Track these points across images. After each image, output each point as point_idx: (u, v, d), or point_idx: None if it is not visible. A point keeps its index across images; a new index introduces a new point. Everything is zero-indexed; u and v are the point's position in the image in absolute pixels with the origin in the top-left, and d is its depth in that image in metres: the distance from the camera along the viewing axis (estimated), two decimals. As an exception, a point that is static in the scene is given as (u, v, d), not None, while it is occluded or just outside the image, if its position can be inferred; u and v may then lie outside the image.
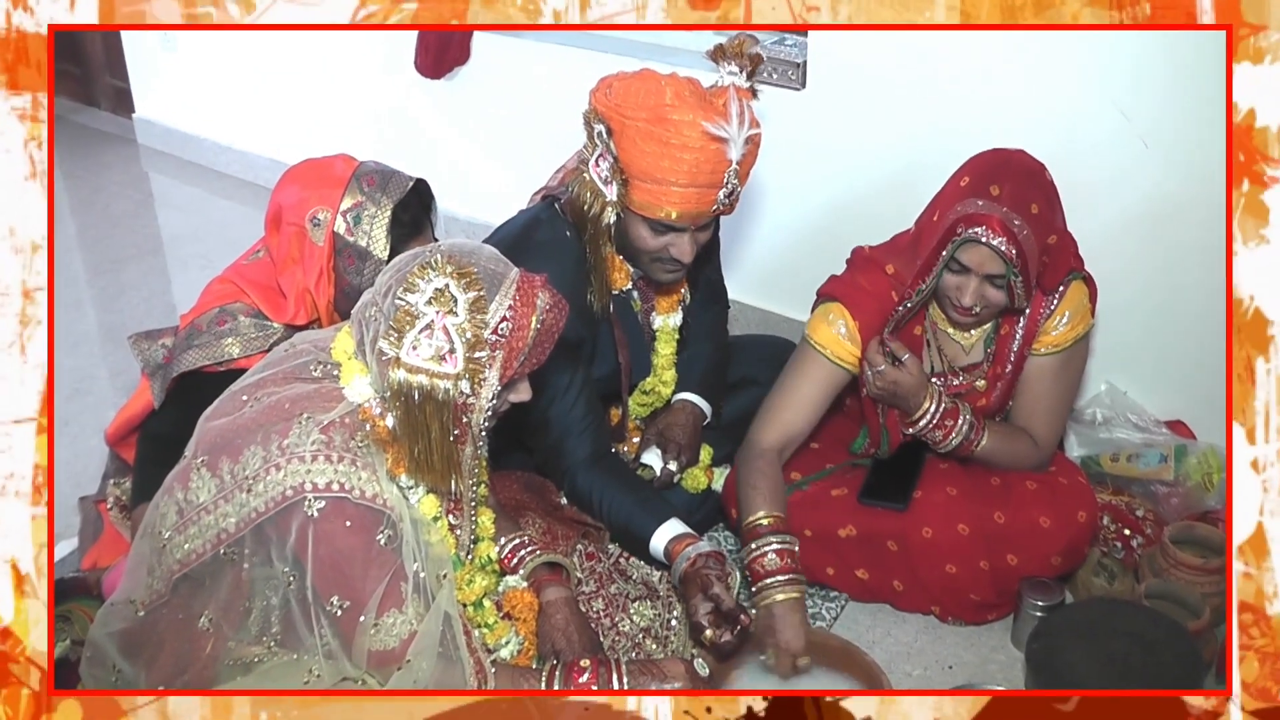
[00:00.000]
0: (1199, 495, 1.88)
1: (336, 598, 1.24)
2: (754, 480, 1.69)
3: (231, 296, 1.74)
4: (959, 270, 1.62)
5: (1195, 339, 1.97)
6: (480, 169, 2.93)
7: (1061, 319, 1.72)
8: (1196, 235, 1.89)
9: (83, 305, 2.88)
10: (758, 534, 1.62)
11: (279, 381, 1.30)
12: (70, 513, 1.93)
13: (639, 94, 1.57)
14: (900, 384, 1.69)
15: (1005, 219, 1.54)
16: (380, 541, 1.24)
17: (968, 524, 1.69)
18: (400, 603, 1.26)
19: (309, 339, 1.38)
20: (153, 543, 1.30)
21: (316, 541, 1.22)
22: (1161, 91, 1.86)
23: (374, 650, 1.26)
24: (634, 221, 1.66)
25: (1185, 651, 1.53)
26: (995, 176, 1.57)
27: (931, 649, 1.73)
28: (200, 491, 1.25)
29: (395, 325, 1.19)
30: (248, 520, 1.23)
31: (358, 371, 1.27)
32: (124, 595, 1.33)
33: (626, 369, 1.87)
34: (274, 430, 1.23)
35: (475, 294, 1.20)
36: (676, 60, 2.33)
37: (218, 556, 1.25)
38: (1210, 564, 1.70)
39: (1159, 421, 2.02)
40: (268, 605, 1.27)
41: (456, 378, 1.21)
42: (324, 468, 1.21)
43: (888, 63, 2.12)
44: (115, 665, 1.31)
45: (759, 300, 2.50)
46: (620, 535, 1.71)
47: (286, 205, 1.70)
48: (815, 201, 2.32)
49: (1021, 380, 1.77)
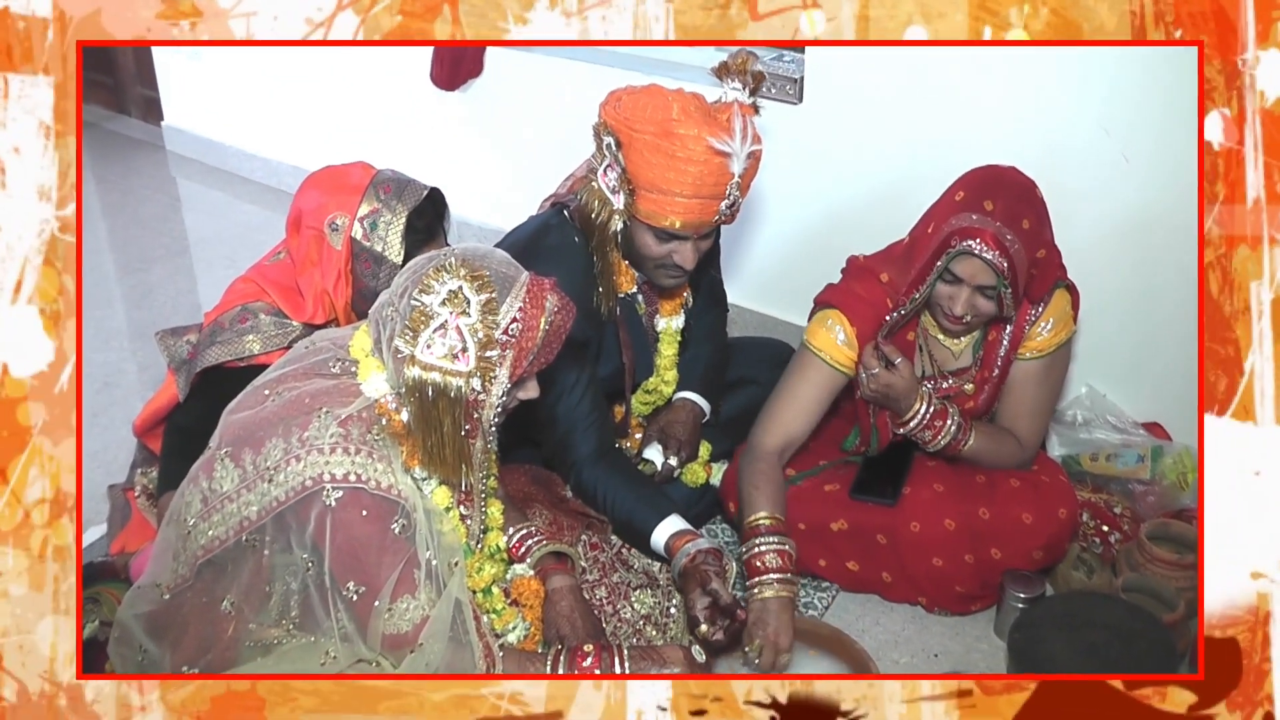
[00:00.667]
0: (1174, 494, 1.90)
1: (353, 583, 1.27)
2: (756, 481, 1.71)
3: (253, 296, 1.76)
4: (952, 281, 1.65)
5: (1171, 345, 1.99)
6: (492, 176, 2.94)
7: (1046, 325, 1.75)
8: (1173, 245, 1.91)
9: (113, 303, 2.91)
10: (757, 533, 1.65)
11: (299, 377, 1.33)
12: (100, 500, 1.97)
13: (647, 108, 1.61)
14: (893, 386, 1.73)
15: (998, 233, 1.57)
16: (395, 530, 1.27)
17: (954, 519, 1.73)
18: (413, 589, 1.29)
19: (328, 337, 1.40)
20: (178, 529, 1.33)
21: (334, 529, 1.24)
22: (1138, 105, 1.89)
23: (388, 634, 1.29)
24: (639, 229, 1.69)
25: (1160, 642, 1.56)
26: (989, 192, 1.61)
27: (918, 638, 1.76)
28: (224, 481, 1.28)
29: (411, 325, 1.22)
30: (269, 509, 1.26)
31: (374, 368, 1.30)
32: (150, 579, 1.36)
33: (630, 369, 1.89)
34: (294, 424, 1.26)
35: (487, 296, 1.23)
36: (680, 75, 2.35)
37: (240, 543, 1.28)
38: (1184, 560, 1.71)
39: (1136, 423, 2.05)
40: (287, 589, 1.30)
41: (468, 375, 1.23)
42: (341, 459, 1.24)
43: (881, 79, 2.14)
44: (142, 645, 1.34)
45: (757, 304, 2.52)
46: (622, 529, 1.73)
47: (306, 210, 1.72)
48: (811, 211, 2.34)
49: (1007, 383, 1.80)
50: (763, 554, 1.64)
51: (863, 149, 2.24)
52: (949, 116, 2.09)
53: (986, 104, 2.05)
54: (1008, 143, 1.89)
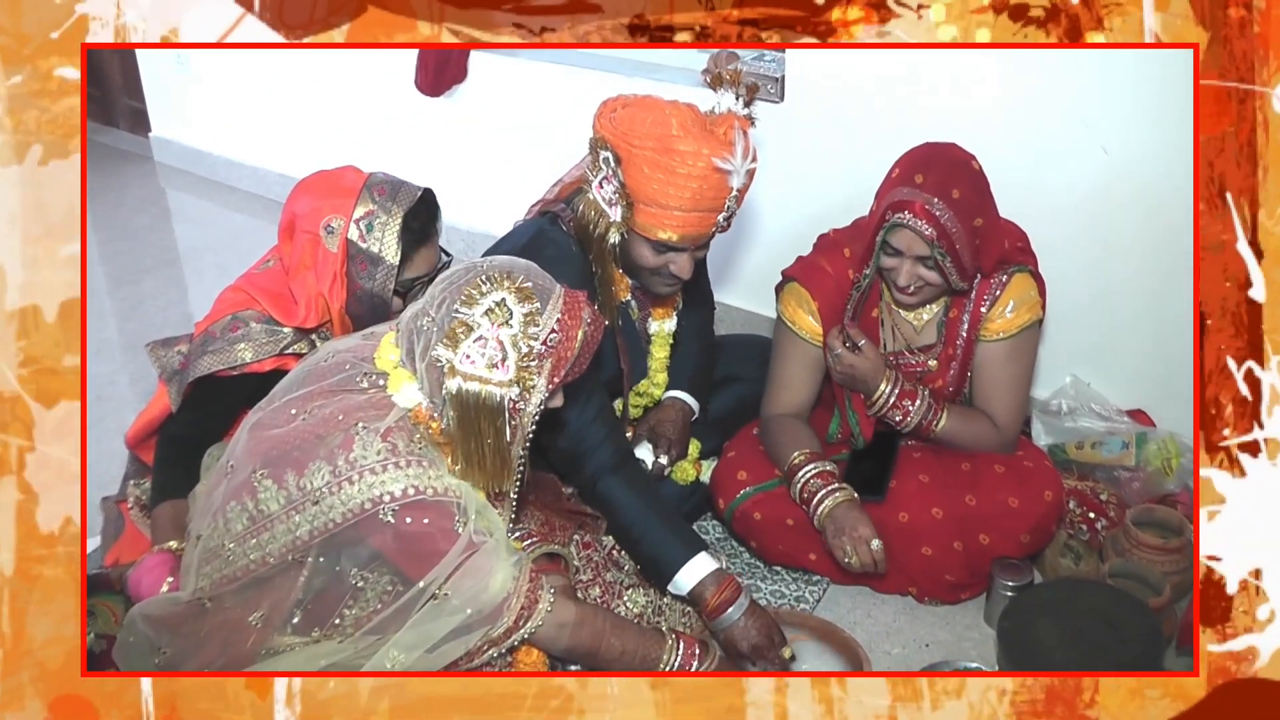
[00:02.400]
0: (1159, 480, 1.92)
1: (443, 587, 1.29)
2: (775, 436, 1.81)
3: (244, 304, 1.76)
4: (892, 253, 1.71)
5: (1155, 334, 2.01)
6: (479, 181, 2.95)
7: (1006, 308, 1.78)
8: (1158, 237, 1.93)
9: (104, 315, 2.91)
10: (797, 469, 1.75)
11: (327, 394, 1.34)
12: (93, 512, 1.93)
13: (645, 123, 1.61)
14: (856, 367, 1.78)
15: (925, 202, 1.63)
16: (458, 530, 1.30)
17: (941, 508, 1.75)
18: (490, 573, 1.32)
19: (347, 351, 1.41)
20: (216, 549, 1.34)
21: (403, 543, 1.27)
22: (1123, 103, 1.91)
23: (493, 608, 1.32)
24: (636, 241, 1.70)
25: (1147, 627, 1.58)
26: (920, 166, 1.67)
27: (910, 628, 1.78)
28: (270, 503, 1.29)
29: (450, 336, 1.25)
30: (322, 530, 1.27)
31: (405, 379, 1.31)
32: (174, 596, 1.40)
33: (627, 373, 1.91)
34: (336, 444, 1.27)
35: (530, 307, 1.26)
36: (663, 76, 2.39)
37: (287, 562, 1.30)
38: (1170, 544, 1.73)
39: (1121, 411, 2.06)
40: (299, 601, 1.31)
41: (508, 384, 1.26)
42: (395, 475, 1.26)
43: (862, 77, 2.16)
44: (162, 649, 1.36)
45: (743, 302, 2.54)
46: (642, 560, 1.67)
47: (301, 214, 1.72)
48: (794, 208, 2.35)
49: (975, 366, 1.83)
50: (808, 481, 1.73)
51: (843, 146, 2.26)
52: (931, 112, 2.10)
53: (969, 98, 2.06)
54: (989, 134, 1.90)
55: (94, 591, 1.70)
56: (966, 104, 2.06)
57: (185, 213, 3.62)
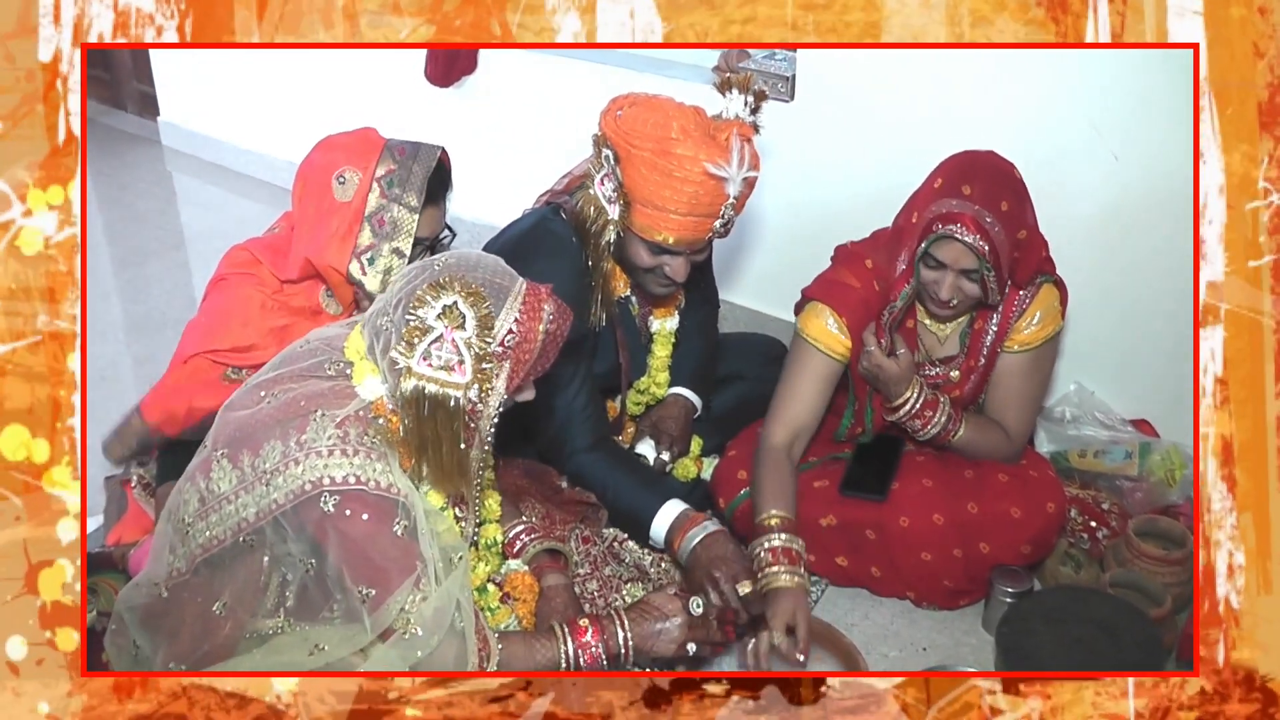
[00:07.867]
0: (1162, 490, 1.91)
1: (363, 586, 1.25)
2: (763, 479, 1.74)
3: (247, 264, 1.79)
4: (935, 266, 1.66)
5: (1160, 343, 2.00)
6: (486, 173, 2.92)
7: (1033, 319, 1.76)
8: (1162, 244, 1.93)
9: (109, 297, 2.92)
10: (767, 530, 1.68)
11: (295, 378, 1.33)
12: (96, 491, 1.96)
13: (647, 124, 1.60)
14: (884, 369, 1.73)
15: (977, 216, 1.59)
16: (398, 531, 1.26)
17: (943, 514, 1.74)
18: (419, 585, 1.27)
19: (323, 337, 1.40)
20: (175, 526, 1.33)
21: (338, 533, 1.24)
22: (1130, 105, 1.91)
23: (394, 629, 1.27)
24: (633, 240, 1.70)
25: (1147, 637, 1.57)
26: (967, 176, 1.62)
27: (907, 632, 1.78)
28: (221, 482, 1.28)
29: (406, 337, 1.22)
30: (267, 511, 1.26)
31: (369, 371, 1.30)
32: (148, 576, 1.36)
33: (626, 368, 1.91)
34: (291, 426, 1.26)
35: (483, 310, 1.23)
36: (674, 73, 2.39)
37: (238, 543, 1.28)
38: (1171, 555, 1.72)
39: (1125, 420, 2.06)
40: (283, 581, 1.30)
41: (465, 387, 1.24)
42: (340, 461, 1.24)
43: (873, 76, 2.16)
44: (135, 640, 1.35)
45: (748, 300, 2.54)
46: (621, 515, 1.75)
47: (315, 167, 1.73)
48: (802, 207, 2.35)
49: (995, 376, 1.81)
50: (772, 549, 1.66)
51: (854, 146, 2.26)
52: (941, 112, 2.10)
53: (979, 100, 2.06)
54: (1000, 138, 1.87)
55: (95, 570, 1.72)
56: (975, 103, 2.06)
57: (192, 197, 3.62)
